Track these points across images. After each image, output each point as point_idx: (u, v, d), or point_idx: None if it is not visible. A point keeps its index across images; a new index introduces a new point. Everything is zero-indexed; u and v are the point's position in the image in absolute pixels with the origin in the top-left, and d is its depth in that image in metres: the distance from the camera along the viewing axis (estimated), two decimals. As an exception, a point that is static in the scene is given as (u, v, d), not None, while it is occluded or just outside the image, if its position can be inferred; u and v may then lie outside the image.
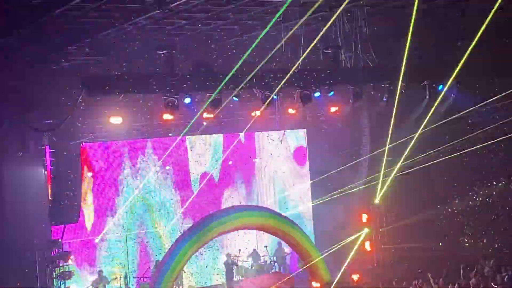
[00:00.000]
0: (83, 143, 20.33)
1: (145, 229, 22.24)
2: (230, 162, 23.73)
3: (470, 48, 12.53)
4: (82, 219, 20.61)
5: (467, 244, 21.76)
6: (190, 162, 23.16)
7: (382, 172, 16.56)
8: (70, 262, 18.90)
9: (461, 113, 18.09)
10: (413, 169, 18.06)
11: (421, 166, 17.65)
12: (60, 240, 18.71)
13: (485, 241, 21.49)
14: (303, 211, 24.67)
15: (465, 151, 18.15)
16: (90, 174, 21.13)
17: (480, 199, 21.65)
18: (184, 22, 16.00)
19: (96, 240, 21.23)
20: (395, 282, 19.97)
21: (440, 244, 21.88)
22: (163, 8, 13.77)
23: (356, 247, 19.04)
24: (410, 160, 16.79)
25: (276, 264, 22.83)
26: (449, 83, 17.66)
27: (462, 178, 21.85)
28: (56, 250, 18.43)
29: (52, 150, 18.13)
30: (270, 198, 24.46)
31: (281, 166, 24.72)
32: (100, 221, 21.40)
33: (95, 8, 13.48)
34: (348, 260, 18.84)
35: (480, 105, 18.31)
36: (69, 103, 17.12)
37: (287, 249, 22.37)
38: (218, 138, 23.46)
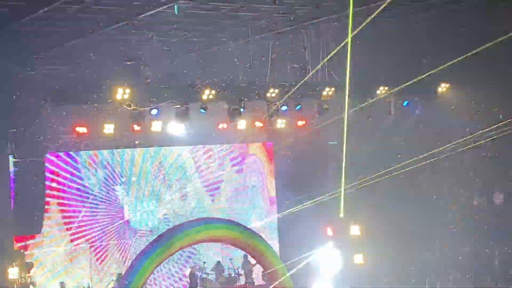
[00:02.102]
0: (48, 153, 20.13)
1: (109, 240, 22.03)
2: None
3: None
4: (45, 229, 20.35)
5: (431, 255, 21.97)
6: (156, 174, 23.02)
7: (343, 186, 16.64)
8: (32, 273, 18.63)
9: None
10: (376, 180, 18.16)
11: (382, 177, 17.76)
12: (22, 250, 18.45)
13: (450, 253, 21.76)
14: (268, 223, 24.66)
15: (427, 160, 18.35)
16: (54, 184, 20.89)
17: (447, 210, 21.93)
18: (152, 34, 16.00)
19: (59, 251, 20.96)
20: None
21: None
22: (131, 19, 13.77)
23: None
24: (376, 174, 16.91)
25: (241, 276, 22.77)
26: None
27: (427, 190, 22.10)
28: (18, 260, 18.16)
29: (15, 160, 17.91)
30: (234, 210, 24.40)
31: (247, 178, 24.68)
32: (63, 231, 21.14)
33: (62, 17, 13.42)
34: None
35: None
36: (34, 112, 16.95)
37: (253, 261, 22.32)
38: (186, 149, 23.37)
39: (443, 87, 20.07)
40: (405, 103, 20.09)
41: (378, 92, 19.53)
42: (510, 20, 14.54)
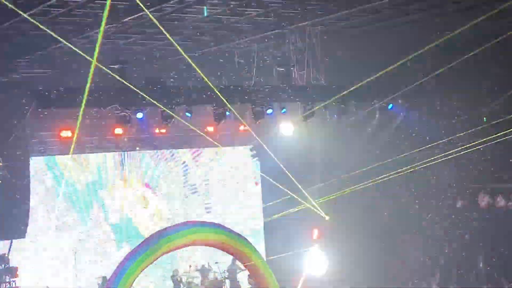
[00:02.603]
0: (33, 157, 20.06)
1: (94, 244, 21.96)
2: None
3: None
4: (30, 233, 20.25)
5: (415, 260, 22.04)
6: (140, 177, 22.96)
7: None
8: (18, 277, 18.54)
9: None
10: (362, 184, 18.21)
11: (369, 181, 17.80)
12: (6, 255, 18.35)
13: (434, 255, 21.84)
14: (254, 226, 24.68)
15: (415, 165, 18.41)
16: (39, 188, 20.80)
17: (431, 214, 22.00)
18: (137, 37, 15.97)
19: (44, 255, 20.87)
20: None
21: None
22: (116, 22, 13.73)
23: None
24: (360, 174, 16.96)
25: (227, 280, 22.76)
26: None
27: (413, 194, 22.19)
28: (3, 265, 18.06)
29: (0, 164, 17.82)
30: (220, 213, 24.40)
31: (233, 181, 24.69)
32: (48, 235, 21.05)
33: (46, 21, 13.36)
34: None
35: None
36: (18, 116, 16.88)
37: (242, 266, 22.32)
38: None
39: (426, 90, 20.15)
40: (389, 106, 20.15)
41: (363, 95, 19.57)
42: (491, 24, 14.64)
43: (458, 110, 20.22)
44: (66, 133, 17.75)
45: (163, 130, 18.50)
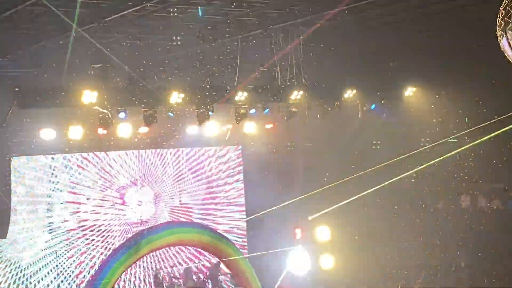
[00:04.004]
0: (14, 156, 19.91)
1: (76, 245, 21.82)
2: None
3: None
4: (11, 234, 20.10)
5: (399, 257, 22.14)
6: (124, 177, 22.85)
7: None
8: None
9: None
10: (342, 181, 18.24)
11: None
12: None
13: (418, 255, 21.95)
14: (237, 227, 24.65)
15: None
16: (19, 188, 20.63)
17: (414, 213, 22.12)
18: (119, 36, 15.91)
19: (27, 257, 20.70)
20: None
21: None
22: (98, 21, 13.67)
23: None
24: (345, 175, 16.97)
25: (209, 280, 22.72)
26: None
27: (393, 193, 22.26)
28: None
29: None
30: (203, 214, 24.35)
31: (216, 181, 24.64)
32: (29, 236, 20.89)
33: (29, 19, 13.28)
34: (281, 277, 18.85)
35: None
36: (-1, 115, 16.75)
37: (221, 266, 22.28)
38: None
39: (409, 91, 20.28)
40: (372, 107, 20.24)
41: (346, 95, 19.65)
42: (478, 24, 14.73)
43: (443, 111, 20.33)
44: (48, 132, 17.61)
45: (145, 130, 18.41)
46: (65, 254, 21.61)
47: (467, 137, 16.48)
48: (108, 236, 22.41)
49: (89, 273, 21.39)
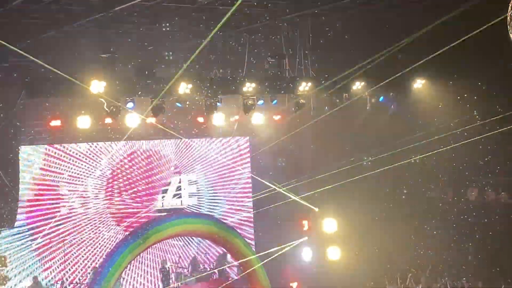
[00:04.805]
0: (22, 146, 19.95)
1: (83, 234, 21.89)
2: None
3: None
4: (19, 223, 20.18)
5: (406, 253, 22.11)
6: (131, 167, 22.88)
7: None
8: (7, 266, 18.46)
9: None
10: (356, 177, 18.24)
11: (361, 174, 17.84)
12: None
13: (422, 251, 21.90)
14: (244, 218, 24.66)
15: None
16: (27, 177, 20.69)
17: (421, 206, 22.05)
18: (127, 26, 15.89)
19: (34, 246, 20.78)
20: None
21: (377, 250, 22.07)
22: (107, 11, 13.66)
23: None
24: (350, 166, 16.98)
25: (216, 271, 22.76)
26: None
27: (401, 185, 22.24)
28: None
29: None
30: (211, 205, 24.37)
31: (223, 172, 24.64)
32: (37, 226, 20.96)
33: (38, 8, 13.28)
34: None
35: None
36: (8, 104, 16.76)
37: (228, 256, 22.32)
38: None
39: (418, 83, 20.19)
40: (380, 99, 20.17)
41: (354, 87, 19.59)
42: (484, 15, 14.63)
43: (452, 103, 20.23)
44: (55, 122, 17.65)
45: (154, 120, 18.42)
46: (75, 243, 21.69)
47: (473, 130, 16.55)
48: (113, 225, 22.51)
49: (96, 261, 21.49)
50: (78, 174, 21.75)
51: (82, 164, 21.81)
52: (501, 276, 19.49)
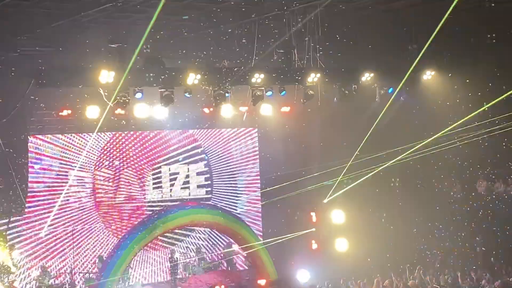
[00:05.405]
0: (31, 135, 20.03)
1: (92, 223, 21.98)
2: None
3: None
4: (28, 212, 20.28)
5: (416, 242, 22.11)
6: (140, 158, 22.93)
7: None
8: (13, 255, 18.54)
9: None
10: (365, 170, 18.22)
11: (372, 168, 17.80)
12: (4, 232, 18.36)
13: (430, 243, 21.89)
14: (252, 209, 24.70)
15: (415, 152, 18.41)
16: (37, 166, 20.78)
17: (429, 198, 22.02)
18: (137, 16, 15.87)
19: (41, 234, 20.86)
20: (342, 280, 20.20)
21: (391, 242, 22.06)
22: (116, 1, 13.65)
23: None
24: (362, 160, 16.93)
25: (224, 261, 22.83)
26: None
27: (410, 177, 22.21)
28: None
29: (-2, 142, 17.81)
30: (218, 195, 24.40)
31: (231, 163, 24.65)
32: (46, 214, 21.05)
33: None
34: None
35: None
36: (17, 94, 16.82)
37: (236, 247, 22.37)
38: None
39: (428, 75, 20.12)
40: (390, 90, 20.10)
41: (363, 78, 19.54)
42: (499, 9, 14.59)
43: (460, 94, 20.15)
44: (65, 112, 17.71)
45: (163, 111, 18.46)
46: (83, 231, 21.79)
47: (477, 122, 16.49)
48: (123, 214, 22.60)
49: (104, 251, 21.59)
50: (86, 163, 21.83)
51: (90, 154, 21.88)
52: (508, 267, 19.47)
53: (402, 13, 17.39)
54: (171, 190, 23.34)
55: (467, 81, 19.86)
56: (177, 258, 21.83)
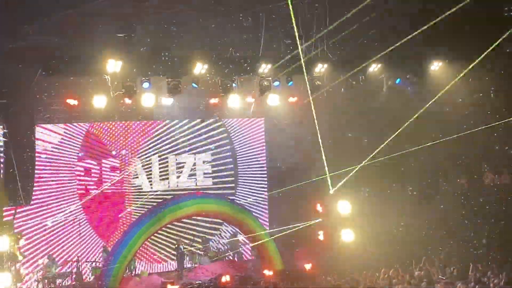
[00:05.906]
0: (38, 124, 20.05)
1: (99, 212, 22.02)
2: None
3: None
4: (35, 201, 20.33)
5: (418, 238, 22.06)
6: (147, 147, 22.93)
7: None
8: (20, 244, 18.58)
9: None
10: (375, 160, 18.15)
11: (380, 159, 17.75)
12: (11, 221, 18.38)
13: (436, 235, 21.84)
14: (259, 199, 24.69)
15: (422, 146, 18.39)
16: (44, 155, 20.83)
17: (436, 190, 21.97)
18: (144, 5, 15.84)
19: (48, 223, 20.93)
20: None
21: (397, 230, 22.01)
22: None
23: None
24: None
25: (230, 251, 22.87)
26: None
27: (417, 169, 22.13)
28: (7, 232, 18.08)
29: (5, 131, 17.80)
30: (224, 185, 24.39)
31: (238, 153, 24.62)
32: (52, 204, 21.11)
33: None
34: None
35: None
36: (24, 83, 16.81)
37: (242, 237, 22.40)
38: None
39: (435, 65, 20.02)
40: (397, 81, 20.04)
41: (370, 69, 19.48)
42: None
43: (468, 86, 20.06)
44: (72, 101, 17.72)
45: (170, 100, 18.45)
46: (90, 221, 21.84)
47: (490, 111, 16.39)
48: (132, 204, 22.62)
49: (111, 240, 21.64)
50: (93, 153, 21.86)
51: (97, 144, 21.91)
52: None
53: (410, 3, 17.31)
54: (178, 179, 23.35)
55: (475, 72, 19.75)
56: (183, 248, 21.86)
